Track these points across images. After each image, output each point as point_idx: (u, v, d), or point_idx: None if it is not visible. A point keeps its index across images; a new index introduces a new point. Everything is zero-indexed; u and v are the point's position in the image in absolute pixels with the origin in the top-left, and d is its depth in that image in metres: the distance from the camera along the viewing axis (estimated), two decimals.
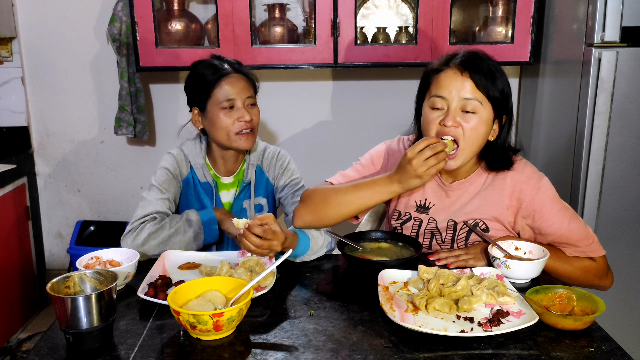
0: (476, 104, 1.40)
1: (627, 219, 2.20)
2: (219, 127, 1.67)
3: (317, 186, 1.56)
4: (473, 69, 1.40)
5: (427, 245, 1.60)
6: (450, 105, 1.41)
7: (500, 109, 1.45)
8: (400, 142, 1.64)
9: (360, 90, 2.92)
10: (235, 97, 1.67)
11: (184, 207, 1.77)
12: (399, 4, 2.75)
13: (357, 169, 1.64)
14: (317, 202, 1.50)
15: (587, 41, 2.13)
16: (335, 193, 1.48)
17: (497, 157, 1.49)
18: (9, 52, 2.85)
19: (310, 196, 1.53)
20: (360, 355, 1.07)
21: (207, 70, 1.68)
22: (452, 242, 1.57)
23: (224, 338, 1.12)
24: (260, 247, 1.37)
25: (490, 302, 1.24)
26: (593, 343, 1.11)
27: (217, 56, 1.76)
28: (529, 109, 2.72)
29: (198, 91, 1.69)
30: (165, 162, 1.74)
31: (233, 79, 1.68)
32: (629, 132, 2.14)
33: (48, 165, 3.03)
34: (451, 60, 1.44)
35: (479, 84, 1.40)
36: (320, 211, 1.50)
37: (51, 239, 3.13)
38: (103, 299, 1.08)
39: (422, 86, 1.51)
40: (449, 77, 1.42)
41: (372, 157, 1.64)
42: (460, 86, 1.40)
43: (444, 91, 1.41)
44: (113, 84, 2.83)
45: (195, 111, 1.74)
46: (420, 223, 1.59)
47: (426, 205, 1.58)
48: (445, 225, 1.56)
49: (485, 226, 1.53)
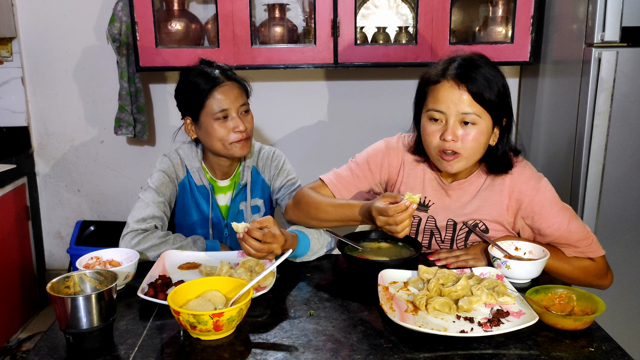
0: (474, 117, 1.39)
1: (627, 219, 2.20)
2: (214, 137, 1.65)
3: (310, 188, 1.62)
4: (469, 81, 1.38)
5: (427, 245, 1.60)
6: (449, 120, 1.40)
7: (499, 115, 1.44)
8: (400, 140, 1.63)
9: (360, 90, 2.92)
10: (229, 107, 1.64)
11: (181, 210, 1.77)
12: (399, 4, 2.76)
13: (351, 167, 1.63)
14: (303, 207, 1.59)
15: (587, 41, 2.13)
16: (320, 205, 1.55)
17: (498, 161, 1.49)
18: (9, 52, 2.85)
19: (300, 200, 1.61)
20: (360, 355, 1.07)
21: (198, 79, 1.64)
22: (451, 242, 1.57)
23: (224, 338, 1.13)
24: (260, 251, 1.36)
25: (490, 302, 1.24)
26: (593, 343, 1.11)
27: (207, 61, 1.71)
28: (529, 109, 2.72)
29: (190, 101, 1.66)
30: (162, 164, 1.73)
31: (226, 88, 1.64)
32: (629, 132, 2.14)
33: (48, 165, 3.03)
34: (447, 71, 1.42)
35: (476, 96, 1.38)
36: (305, 216, 1.59)
37: (51, 239, 3.13)
38: (103, 299, 1.08)
39: (419, 95, 1.51)
40: (446, 91, 1.40)
41: (369, 156, 1.63)
42: (458, 100, 1.39)
43: (442, 105, 1.41)
44: (113, 84, 2.83)
45: (188, 120, 1.70)
46: (420, 221, 1.59)
47: (426, 203, 1.58)
48: (445, 224, 1.56)
49: (485, 227, 1.53)
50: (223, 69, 1.69)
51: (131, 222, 1.58)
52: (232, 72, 1.70)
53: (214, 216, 1.77)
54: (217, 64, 1.71)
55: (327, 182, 1.62)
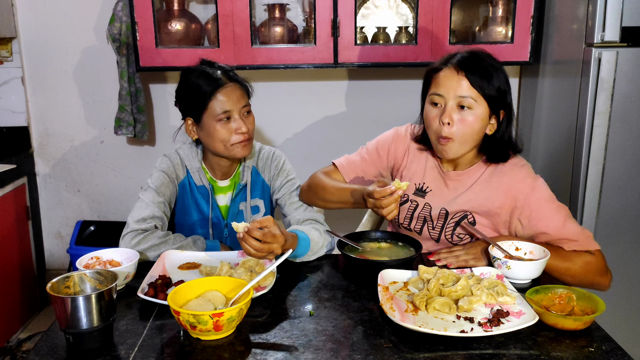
0: (471, 102, 1.47)
1: (627, 219, 2.20)
2: (216, 139, 1.65)
3: (323, 172, 1.74)
4: (469, 69, 1.48)
5: (419, 230, 1.65)
6: (447, 103, 1.49)
7: (497, 106, 1.50)
8: (409, 129, 1.72)
9: (360, 90, 2.92)
10: (232, 109, 1.63)
11: (181, 211, 1.77)
12: (399, 4, 2.76)
13: (361, 153, 1.74)
14: (313, 188, 1.71)
15: (587, 41, 2.13)
16: (326, 187, 1.67)
17: (496, 150, 1.55)
18: (9, 52, 2.85)
19: (311, 181, 1.73)
20: (360, 355, 1.07)
21: (200, 80, 1.63)
22: (441, 230, 1.61)
23: (224, 338, 1.13)
24: (260, 251, 1.36)
25: (490, 302, 1.24)
26: (593, 343, 1.11)
27: (208, 62, 1.70)
28: (529, 109, 2.72)
29: (192, 103, 1.65)
30: (162, 164, 1.73)
31: (228, 89, 1.64)
32: (629, 131, 2.14)
33: (48, 165, 3.03)
34: (450, 60, 1.52)
35: (474, 82, 1.47)
36: (314, 196, 1.70)
37: (51, 239, 3.13)
38: (103, 299, 1.08)
39: (424, 84, 1.60)
40: (447, 76, 1.50)
41: (378, 142, 1.73)
42: (457, 84, 1.48)
43: (441, 89, 1.50)
44: (113, 84, 2.83)
45: (189, 121, 1.69)
46: (417, 206, 1.65)
47: (424, 189, 1.64)
48: (438, 213, 1.61)
49: (473, 219, 1.57)
50: (225, 70, 1.68)
51: (131, 222, 1.58)
52: (234, 73, 1.70)
53: (213, 216, 1.77)
54: (218, 64, 1.70)
55: (338, 165, 1.73)
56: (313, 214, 1.71)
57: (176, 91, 1.72)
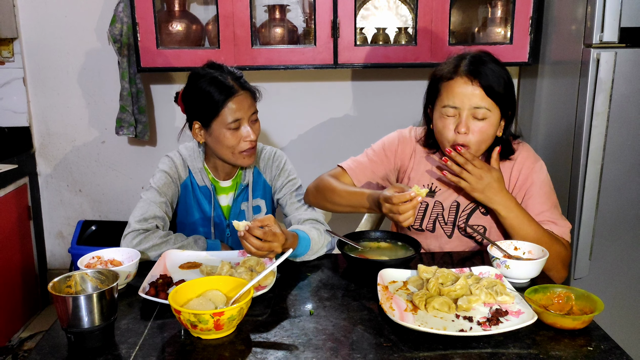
0: (485, 111, 1.50)
1: (626, 219, 2.21)
2: (225, 145, 1.65)
3: (330, 175, 1.70)
4: (482, 77, 1.49)
5: (431, 228, 1.67)
6: (462, 113, 1.51)
7: (507, 107, 1.54)
8: (412, 131, 1.73)
9: (360, 91, 2.93)
10: (243, 117, 1.64)
11: (183, 211, 1.78)
12: (398, 5, 2.76)
13: (367, 154, 1.74)
14: (321, 190, 1.68)
15: (585, 42, 2.14)
16: (336, 190, 1.64)
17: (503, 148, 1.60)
18: (10, 52, 2.86)
19: (320, 184, 1.69)
20: (359, 354, 1.08)
21: (212, 88, 1.62)
22: (454, 222, 1.64)
23: (224, 337, 1.13)
24: (261, 249, 1.37)
25: (489, 301, 1.25)
26: (591, 342, 1.11)
27: (216, 65, 1.69)
28: (528, 109, 2.73)
29: (202, 109, 1.64)
30: (164, 165, 1.74)
31: (240, 98, 1.63)
32: (628, 132, 2.15)
33: (49, 165, 3.04)
34: (459, 68, 1.52)
35: (488, 91, 1.49)
36: (322, 198, 1.67)
37: (52, 239, 3.14)
38: (104, 298, 1.09)
39: (431, 90, 1.60)
40: (460, 87, 1.50)
41: (384, 144, 1.73)
42: (471, 95, 1.49)
43: (456, 101, 1.51)
44: (114, 84, 2.84)
45: (197, 125, 1.68)
46: (427, 207, 1.67)
47: (433, 189, 1.67)
48: (449, 205, 1.65)
49: (485, 210, 1.61)
50: (235, 77, 1.66)
51: (133, 222, 1.59)
52: (244, 80, 1.68)
53: (215, 216, 1.78)
54: (227, 67, 1.68)
55: (346, 168, 1.71)
56: (313, 213, 1.72)
57: (183, 94, 1.71)
